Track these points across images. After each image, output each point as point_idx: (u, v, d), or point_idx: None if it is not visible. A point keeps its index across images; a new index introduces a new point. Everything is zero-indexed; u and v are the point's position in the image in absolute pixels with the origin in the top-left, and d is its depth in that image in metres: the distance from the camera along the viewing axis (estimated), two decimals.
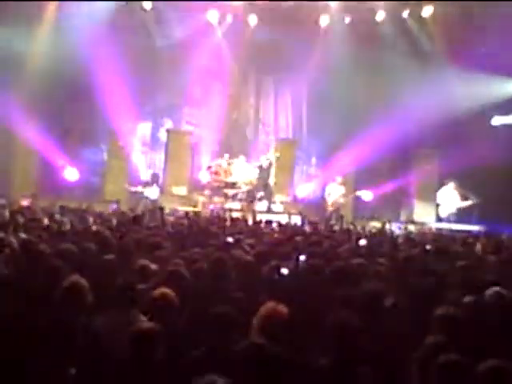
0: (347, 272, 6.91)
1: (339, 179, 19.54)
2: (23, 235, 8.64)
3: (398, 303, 6.01)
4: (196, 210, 18.07)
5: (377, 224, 17.45)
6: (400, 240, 12.38)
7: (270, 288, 6.35)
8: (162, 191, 19.87)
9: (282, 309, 4.67)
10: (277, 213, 18.84)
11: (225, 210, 17.56)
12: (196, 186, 20.97)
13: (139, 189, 19.14)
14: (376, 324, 5.29)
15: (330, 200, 19.30)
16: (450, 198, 19.01)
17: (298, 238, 10.32)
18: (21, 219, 10.68)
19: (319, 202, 20.44)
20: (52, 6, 19.39)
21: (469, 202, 18.62)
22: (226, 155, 20.43)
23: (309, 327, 5.21)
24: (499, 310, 5.51)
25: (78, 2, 19.03)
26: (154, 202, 18.85)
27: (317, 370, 4.45)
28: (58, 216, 12.40)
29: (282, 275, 6.95)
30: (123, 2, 19.94)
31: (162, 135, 22.33)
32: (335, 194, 19.32)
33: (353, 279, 6.70)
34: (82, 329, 4.83)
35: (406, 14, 20.61)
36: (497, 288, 5.78)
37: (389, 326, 5.39)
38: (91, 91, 18.93)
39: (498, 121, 21.33)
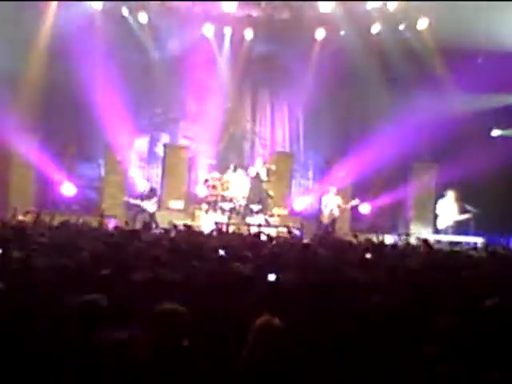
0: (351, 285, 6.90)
1: (333, 189, 19.50)
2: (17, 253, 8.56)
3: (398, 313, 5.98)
4: (188, 223, 17.96)
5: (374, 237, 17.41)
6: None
7: (267, 301, 6.31)
8: (159, 205, 19.87)
9: (277, 322, 4.62)
10: (273, 226, 18.80)
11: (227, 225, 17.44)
12: (193, 200, 20.95)
13: (138, 202, 19.12)
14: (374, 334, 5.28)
15: (326, 211, 19.27)
16: (449, 210, 18.98)
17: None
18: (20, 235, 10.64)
19: (316, 215, 20.40)
20: (48, 21, 19.41)
21: (467, 216, 18.59)
22: (230, 169, 20.34)
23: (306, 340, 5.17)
24: (498, 321, 5.48)
25: (71, 23, 19.09)
26: (151, 215, 18.88)
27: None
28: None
29: (269, 282, 6.96)
30: (119, 16, 20.04)
31: (159, 150, 22.31)
32: (332, 204, 19.28)
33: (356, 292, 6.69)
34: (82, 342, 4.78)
35: (402, 26, 20.69)
36: (495, 298, 5.76)
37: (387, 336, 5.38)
38: (88, 106, 18.93)
39: (496, 133, 21.38)
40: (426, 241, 13.76)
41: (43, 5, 19.30)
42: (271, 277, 7.12)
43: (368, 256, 10.31)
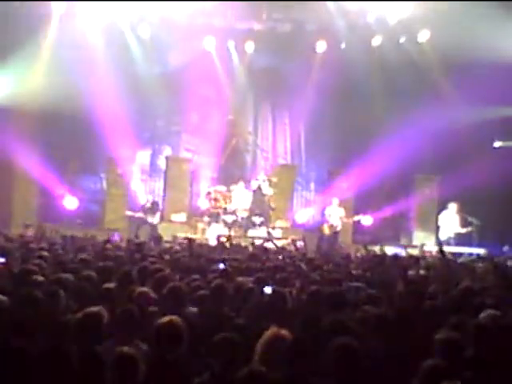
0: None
1: (336, 201, 19.46)
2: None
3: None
4: (190, 236, 17.96)
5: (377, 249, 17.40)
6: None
7: (271, 313, 6.32)
8: (161, 218, 19.89)
9: (285, 334, 4.65)
10: (276, 238, 18.76)
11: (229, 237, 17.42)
12: (195, 213, 20.94)
13: (140, 215, 19.13)
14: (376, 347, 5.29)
15: (331, 221, 19.21)
16: (451, 223, 18.93)
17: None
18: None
19: (319, 227, 20.36)
20: (51, 34, 19.47)
21: (469, 228, 18.53)
22: (232, 182, 20.36)
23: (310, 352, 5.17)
24: (496, 333, 5.48)
25: (73, 33, 19.19)
26: (153, 228, 18.89)
27: None
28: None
29: (265, 295, 7.00)
30: (120, 30, 20.15)
31: (161, 162, 22.32)
32: (335, 215, 19.25)
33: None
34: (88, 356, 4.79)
35: (402, 39, 20.74)
36: (493, 311, 5.77)
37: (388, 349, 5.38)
38: (90, 119, 19.01)
39: (499, 144, 21.38)
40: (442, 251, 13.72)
41: (46, 18, 19.36)
42: (268, 289, 7.16)
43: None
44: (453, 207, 18.94)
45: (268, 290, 7.16)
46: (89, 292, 6.88)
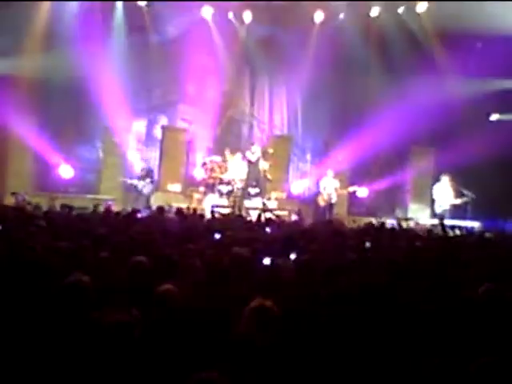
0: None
1: (331, 173, 19.45)
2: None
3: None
4: (189, 205, 18.01)
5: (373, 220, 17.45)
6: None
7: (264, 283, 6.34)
8: (156, 188, 19.90)
9: (270, 304, 4.70)
10: (272, 209, 18.82)
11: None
12: (191, 183, 20.95)
13: (134, 182, 19.12)
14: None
15: (325, 193, 19.23)
16: (445, 194, 18.95)
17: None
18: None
19: (314, 199, 20.38)
20: (44, 5, 19.34)
21: (464, 199, 18.55)
22: (227, 152, 20.35)
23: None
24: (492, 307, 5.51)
25: (69, 6, 19.08)
26: (147, 197, 18.92)
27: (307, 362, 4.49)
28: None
29: (264, 266, 7.00)
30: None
31: (157, 132, 22.28)
32: (330, 187, 19.25)
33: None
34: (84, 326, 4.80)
35: (401, 9, 20.66)
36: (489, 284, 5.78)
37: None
38: (86, 88, 18.90)
39: (495, 117, 21.38)
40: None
41: None
42: (266, 261, 7.15)
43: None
44: (445, 179, 18.92)
45: (267, 261, 7.14)
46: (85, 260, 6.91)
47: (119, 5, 20.46)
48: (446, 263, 7.79)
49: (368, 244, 9.94)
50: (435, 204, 19.27)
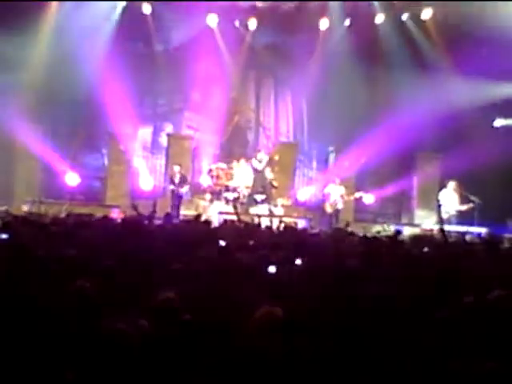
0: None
1: (338, 180, 19.46)
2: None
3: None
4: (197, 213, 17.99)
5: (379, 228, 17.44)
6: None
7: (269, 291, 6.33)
8: (190, 190, 20.21)
9: (277, 312, 4.66)
10: (277, 216, 18.78)
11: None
12: (197, 190, 20.94)
13: (172, 187, 19.16)
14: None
15: (330, 201, 19.21)
16: (451, 200, 18.91)
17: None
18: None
19: (320, 205, 20.37)
20: (52, 9, 19.38)
21: (469, 205, 18.50)
22: (234, 159, 20.36)
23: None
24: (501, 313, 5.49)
25: (77, 5, 19.10)
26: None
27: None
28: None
29: (269, 273, 6.98)
30: (122, 6, 20.06)
31: (163, 140, 22.31)
32: (335, 194, 19.24)
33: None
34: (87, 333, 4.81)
35: (405, 16, 20.68)
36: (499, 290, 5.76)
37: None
38: (92, 96, 18.96)
39: (499, 123, 21.35)
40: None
41: None
42: (271, 268, 7.13)
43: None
44: (451, 185, 18.88)
45: (272, 269, 7.11)
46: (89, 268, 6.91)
47: (118, 9, 20.40)
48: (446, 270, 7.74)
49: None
50: (441, 210, 19.22)
